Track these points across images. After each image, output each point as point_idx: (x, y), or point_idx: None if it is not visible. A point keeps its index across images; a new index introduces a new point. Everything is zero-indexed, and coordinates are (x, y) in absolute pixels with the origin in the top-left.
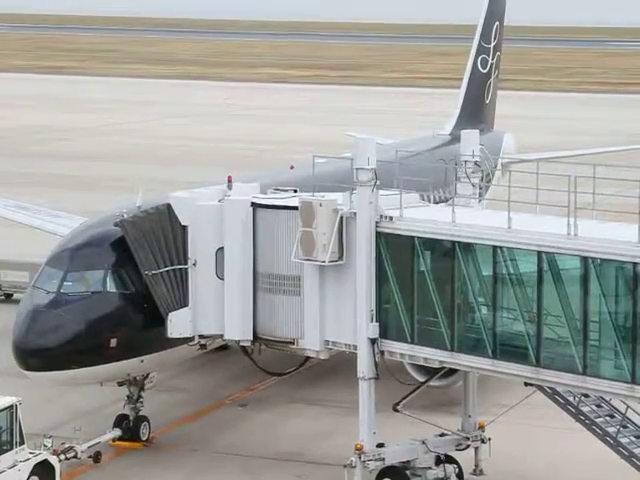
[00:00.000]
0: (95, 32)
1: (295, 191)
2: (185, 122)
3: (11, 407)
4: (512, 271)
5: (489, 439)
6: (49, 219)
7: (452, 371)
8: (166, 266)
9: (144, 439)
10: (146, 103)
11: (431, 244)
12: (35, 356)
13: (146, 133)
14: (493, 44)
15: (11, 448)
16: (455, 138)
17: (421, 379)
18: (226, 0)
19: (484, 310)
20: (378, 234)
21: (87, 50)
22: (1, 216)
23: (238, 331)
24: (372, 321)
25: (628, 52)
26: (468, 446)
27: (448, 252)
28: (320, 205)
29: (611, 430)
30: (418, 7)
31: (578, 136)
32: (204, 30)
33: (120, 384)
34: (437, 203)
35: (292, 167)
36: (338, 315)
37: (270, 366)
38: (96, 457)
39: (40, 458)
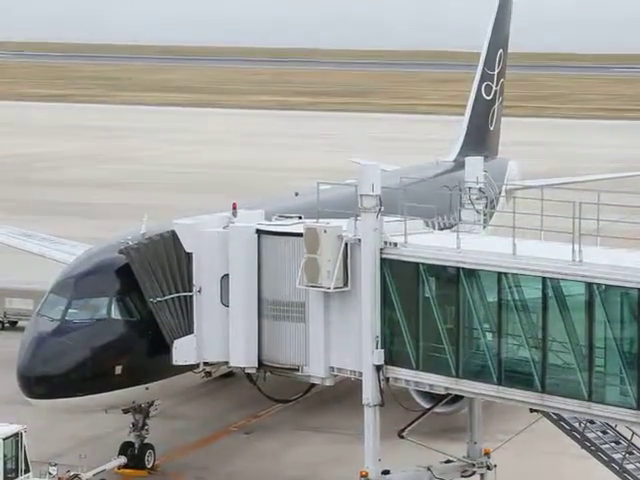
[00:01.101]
0: (98, 60)
1: (300, 218)
2: (188, 149)
3: (17, 435)
4: (517, 297)
5: (495, 466)
6: (54, 247)
7: (457, 397)
8: (171, 293)
9: (149, 467)
10: (149, 130)
11: (436, 270)
12: (39, 384)
13: (149, 160)
14: (497, 71)
15: (17, 476)
16: (459, 165)
17: (426, 405)
18: (229, 28)
19: (489, 336)
20: (383, 260)
21: (92, 78)
22: (6, 244)
23: (243, 358)
24: (377, 347)
25: (633, 78)
26: (474, 473)
27: (453, 278)
28: (325, 232)
29: (617, 457)
30: (420, 34)
31: (581, 163)
32: (208, 57)
33: (125, 411)
34: (441, 229)
35: (297, 194)
36: (343, 342)
37: (275, 393)
38: None
39: None
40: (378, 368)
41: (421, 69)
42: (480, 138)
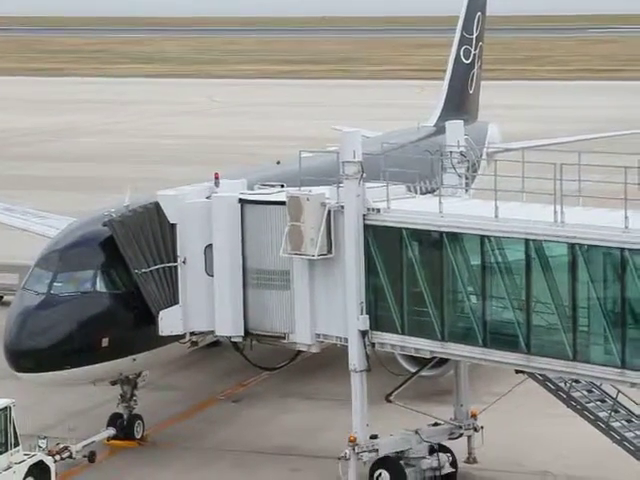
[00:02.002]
0: (80, 33)
1: (282, 186)
2: (172, 120)
3: (5, 409)
4: (500, 260)
5: (482, 427)
6: (37, 220)
7: (443, 361)
8: (155, 264)
9: (138, 437)
10: (133, 102)
11: (419, 235)
12: (27, 357)
13: (129, 132)
14: (475, 35)
15: (6, 450)
16: (440, 129)
17: (412, 369)
18: None
19: (473, 299)
20: (366, 227)
21: (73, 51)
22: None
23: (229, 327)
24: (362, 313)
25: (610, 39)
26: (461, 435)
27: (436, 243)
28: (307, 199)
29: (602, 415)
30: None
31: (561, 124)
32: (190, 28)
33: (113, 383)
34: (424, 194)
35: (278, 162)
36: (328, 308)
37: (262, 361)
38: (91, 457)
39: (35, 459)
40: (363, 334)
41: (401, 34)
42: (460, 102)
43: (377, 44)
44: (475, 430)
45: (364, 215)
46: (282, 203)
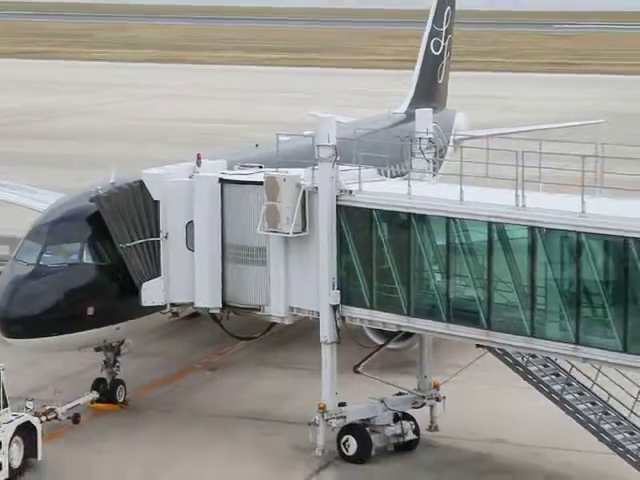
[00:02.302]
0: (65, 19)
1: (260, 167)
2: (154, 103)
3: None
4: (464, 241)
5: (443, 397)
6: (28, 195)
7: (408, 334)
8: (139, 239)
9: (120, 401)
10: (116, 85)
11: (388, 216)
12: (16, 324)
13: (115, 114)
14: (445, 27)
15: None
16: (410, 116)
17: (380, 342)
18: None
19: (438, 277)
20: (339, 207)
21: (61, 35)
22: None
23: (208, 299)
24: (333, 288)
25: (573, 34)
26: (424, 404)
27: (404, 223)
28: (284, 180)
29: (557, 388)
30: None
31: (524, 114)
32: (173, 15)
33: (97, 350)
34: (394, 177)
35: (257, 145)
36: (301, 283)
37: (238, 332)
38: (75, 418)
39: (22, 420)
40: (334, 308)
41: (375, 26)
42: (429, 91)
43: (353, 35)
44: (437, 400)
45: (337, 196)
46: (260, 183)
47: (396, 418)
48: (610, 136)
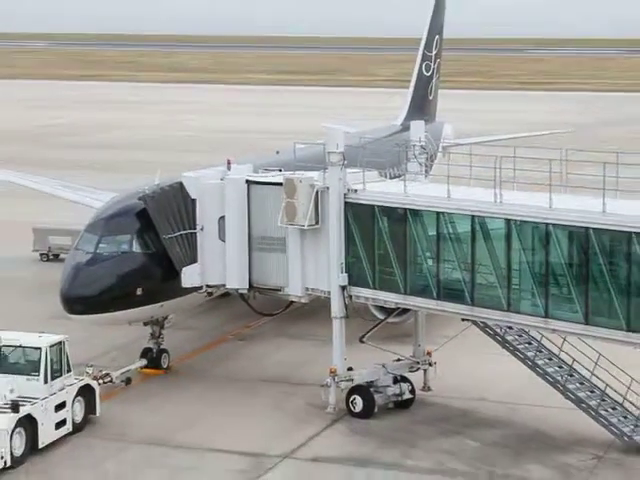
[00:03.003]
0: (119, 47)
1: (280, 170)
2: (191, 118)
3: (60, 343)
4: (451, 231)
5: (435, 363)
6: (86, 194)
7: (405, 310)
8: (179, 231)
9: (165, 367)
10: (162, 102)
11: (387, 211)
12: (77, 303)
13: (160, 127)
14: (434, 52)
15: (61, 375)
16: (406, 127)
17: (381, 317)
18: (221, 19)
19: (430, 262)
20: (346, 204)
21: (114, 61)
22: (49, 193)
23: (237, 281)
24: (342, 272)
25: (544, 58)
26: (418, 368)
27: (401, 217)
28: (300, 181)
29: (529, 354)
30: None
31: (502, 125)
32: (207, 44)
33: (145, 324)
34: (392, 179)
35: (278, 152)
36: (315, 268)
37: (262, 309)
38: (127, 381)
39: (83, 382)
40: (343, 288)
41: (377, 52)
42: (422, 106)
43: (358, 59)
44: (430, 365)
45: (345, 194)
46: (280, 184)
47: (395, 380)
48: (573, 143)
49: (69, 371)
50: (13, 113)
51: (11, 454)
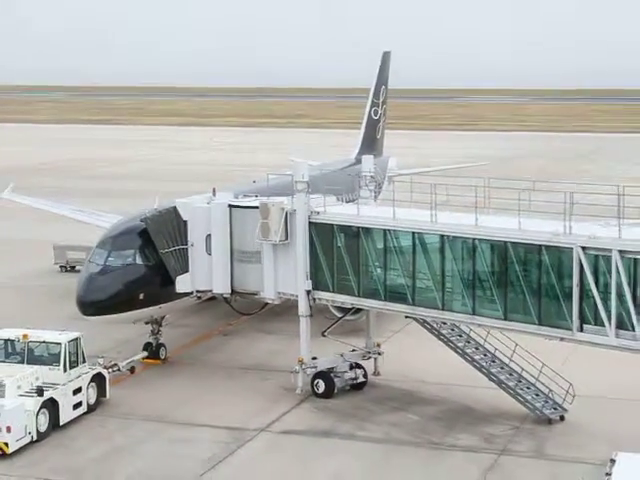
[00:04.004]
0: (122, 97)
1: (256, 196)
2: (184, 154)
3: (77, 339)
4: (396, 245)
5: (383, 352)
6: (97, 217)
7: (359, 310)
8: (174, 246)
9: (162, 358)
10: (159, 141)
11: (344, 229)
12: (90, 306)
13: (158, 161)
14: (381, 100)
15: (77, 365)
16: (358, 161)
17: (339, 315)
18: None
19: (378, 270)
20: (310, 223)
21: (119, 108)
22: (67, 216)
23: (221, 287)
24: (307, 279)
25: (469, 104)
26: (370, 357)
27: (355, 234)
28: (273, 205)
29: (460, 344)
30: (331, 76)
31: (436, 158)
32: (196, 94)
33: (146, 323)
34: (347, 202)
35: (254, 181)
36: (285, 275)
37: (242, 309)
38: (132, 370)
39: (95, 371)
40: (308, 292)
41: (334, 100)
42: (371, 143)
43: (318, 106)
44: (379, 354)
45: (309, 216)
46: (256, 207)
47: (351, 367)
48: (493, 173)
49: (84, 362)
50: (36, 150)
51: (37, 430)
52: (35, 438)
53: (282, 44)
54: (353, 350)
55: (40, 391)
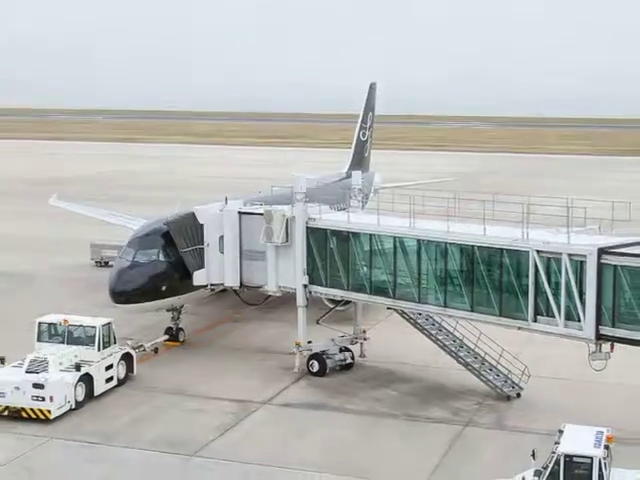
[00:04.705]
0: (150, 119)
1: (261, 204)
2: (200, 168)
3: (109, 323)
4: (380, 247)
5: (368, 338)
6: (127, 220)
7: (348, 301)
8: (192, 246)
9: (181, 340)
10: (179, 157)
11: (336, 233)
12: (121, 295)
13: (179, 173)
14: (369, 124)
15: (109, 345)
16: (348, 175)
17: (331, 306)
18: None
19: (365, 269)
20: (307, 228)
21: (148, 128)
22: (102, 219)
23: (231, 281)
24: (304, 275)
25: (445, 129)
26: (357, 342)
27: (345, 237)
28: (275, 212)
29: (433, 332)
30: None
31: (413, 174)
32: (213, 117)
33: (168, 310)
34: (339, 211)
35: (260, 192)
36: (286, 272)
37: (249, 300)
38: (155, 350)
39: (124, 351)
40: (305, 286)
41: (329, 123)
42: (359, 161)
43: (316, 128)
44: (364, 340)
45: (306, 221)
46: (261, 214)
47: (341, 350)
48: (463, 187)
49: (114, 343)
50: (72, 165)
51: (75, 400)
52: (73, 407)
53: (281, 80)
54: (342, 336)
55: (78, 367)
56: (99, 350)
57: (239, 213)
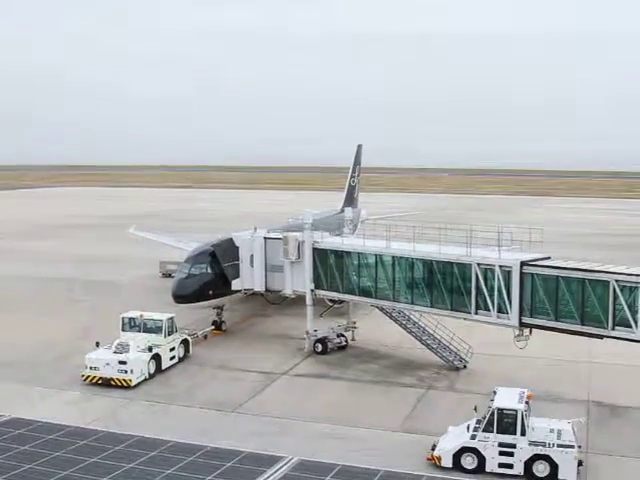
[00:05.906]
0: (190, 171)
1: (281, 232)
2: (237, 207)
3: (172, 317)
4: (366, 262)
5: (357, 327)
6: (184, 244)
7: (342, 301)
8: (231, 262)
9: (223, 330)
10: (221, 198)
11: (334, 252)
12: (180, 297)
13: (220, 211)
14: (357, 174)
15: (172, 333)
16: (342, 210)
17: (331, 304)
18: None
19: (354, 277)
20: (313, 248)
21: (186, 178)
22: (166, 243)
23: (259, 287)
24: (311, 282)
25: (410, 177)
26: (349, 329)
27: (341, 255)
28: (290, 237)
29: (404, 322)
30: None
31: (391, 209)
32: (246, 170)
33: (213, 308)
34: (336, 236)
35: (289, 219)
36: (298, 280)
37: (272, 300)
38: (205, 337)
39: (183, 337)
40: (312, 290)
41: (328, 174)
42: (350, 200)
43: (318, 178)
44: (355, 328)
45: (312, 243)
46: (280, 239)
47: (338, 335)
48: (424, 218)
49: (176, 331)
50: (141, 205)
51: (148, 372)
52: (147, 377)
53: (295, 140)
54: (339, 325)
55: (150, 349)
56: (165, 337)
57: (264, 238)
